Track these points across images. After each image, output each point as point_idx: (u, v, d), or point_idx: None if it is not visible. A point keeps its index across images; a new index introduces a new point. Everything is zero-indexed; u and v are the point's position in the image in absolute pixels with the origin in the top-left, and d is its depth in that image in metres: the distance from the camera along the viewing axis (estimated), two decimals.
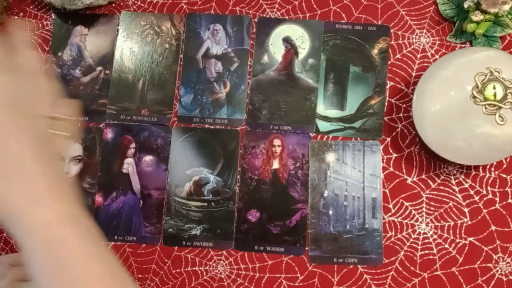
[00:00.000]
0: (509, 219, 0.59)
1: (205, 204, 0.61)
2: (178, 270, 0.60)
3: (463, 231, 0.59)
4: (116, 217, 0.61)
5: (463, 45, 0.62)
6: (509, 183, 0.59)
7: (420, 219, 0.59)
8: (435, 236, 0.59)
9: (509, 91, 0.52)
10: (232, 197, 0.60)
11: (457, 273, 0.58)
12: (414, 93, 0.56)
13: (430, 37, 0.62)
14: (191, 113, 0.63)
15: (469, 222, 0.59)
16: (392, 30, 0.63)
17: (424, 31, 0.63)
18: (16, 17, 0.66)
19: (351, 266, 0.59)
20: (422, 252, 0.58)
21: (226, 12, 0.65)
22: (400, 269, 0.58)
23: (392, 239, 0.59)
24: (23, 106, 0.37)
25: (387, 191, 0.60)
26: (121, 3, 0.66)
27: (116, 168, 0.62)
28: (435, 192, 0.60)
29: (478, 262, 0.58)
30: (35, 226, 0.36)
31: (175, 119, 0.63)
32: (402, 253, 0.59)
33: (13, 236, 0.38)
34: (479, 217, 0.59)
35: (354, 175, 0.60)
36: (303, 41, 0.63)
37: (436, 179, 0.60)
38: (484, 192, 0.59)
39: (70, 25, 0.66)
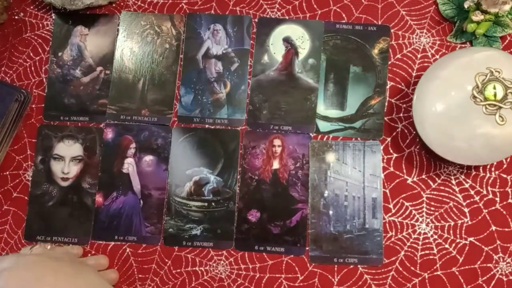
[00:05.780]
0: (509, 219, 0.59)
1: (206, 204, 0.61)
2: (179, 270, 0.60)
3: (463, 231, 0.59)
4: (116, 217, 0.61)
5: (463, 45, 0.62)
6: (509, 183, 0.59)
7: (420, 219, 0.59)
8: (435, 236, 0.59)
9: (509, 91, 0.52)
10: (232, 197, 0.60)
11: (457, 273, 0.58)
12: (414, 93, 0.57)
13: (430, 37, 0.62)
14: (191, 113, 0.63)
15: (469, 222, 0.59)
16: (392, 30, 0.63)
17: (424, 31, 0.63)
18: (17, 17, 0.66)
19: (351, 266, 0.59)
20: (423, 252, 0.58)
21: (226, 12, 0.65)
22: (401, 269, 0.58)
23: (393, 239, 0.59)
24: None
25: (387, 191, 0.60)
26: (122, 3, 0.66)
27: (116, 168, 0.62)
28: (435, 192, 0.60)
29: (479, 262, 0.58)
30: None
31: (175, 119, 0.63)
32: (402, 253, 0.59)
33: None
34: (480, 217, 0.59)
35: (354, 175, 0.60)
36: (303, 41, 0.63)
37: (436, 179, 0.60)
38: (484, 192, 0.59)
39: (70, 25, 0.66)
